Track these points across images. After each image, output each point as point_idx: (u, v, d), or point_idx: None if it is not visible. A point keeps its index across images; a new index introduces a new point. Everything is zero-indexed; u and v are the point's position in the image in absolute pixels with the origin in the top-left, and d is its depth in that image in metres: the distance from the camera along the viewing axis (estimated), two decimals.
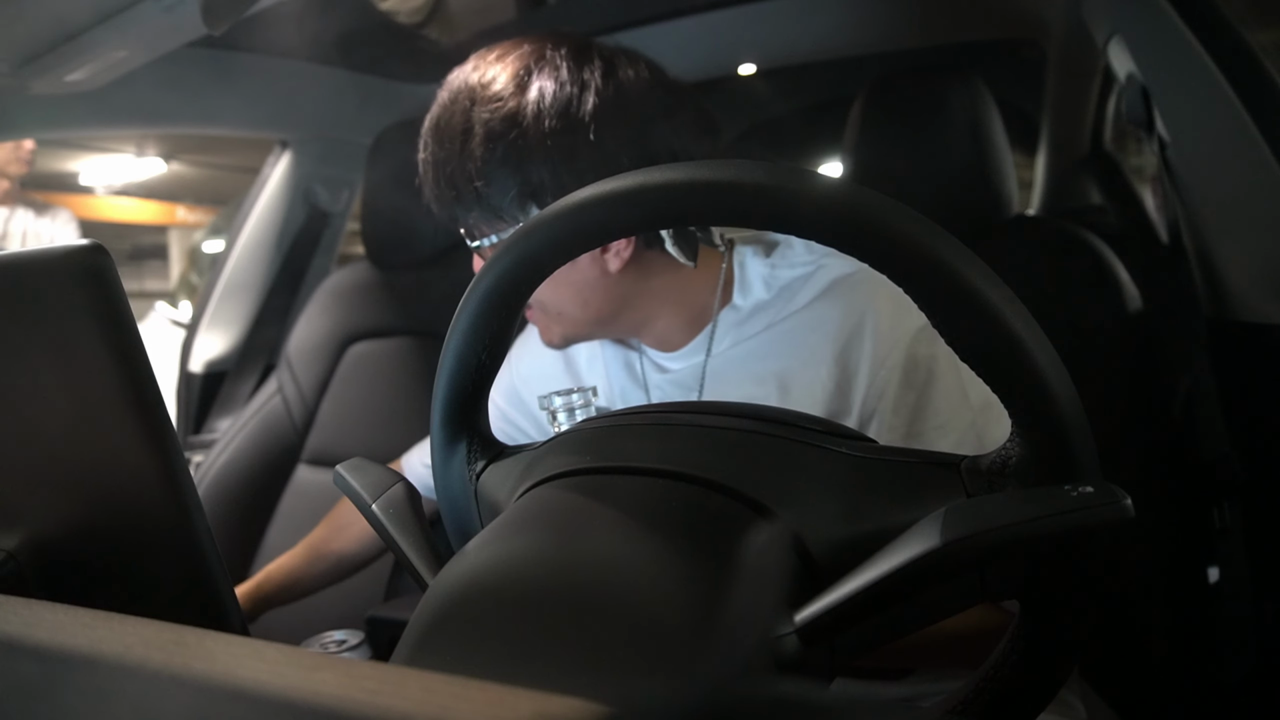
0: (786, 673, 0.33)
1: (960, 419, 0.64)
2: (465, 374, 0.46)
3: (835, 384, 0.67)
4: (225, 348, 1.71)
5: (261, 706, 0.19)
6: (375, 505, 0.45)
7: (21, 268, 0.37)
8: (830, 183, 0.36)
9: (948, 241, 0.35)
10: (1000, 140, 1.03)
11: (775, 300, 0.72)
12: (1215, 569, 0.92)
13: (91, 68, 1.03)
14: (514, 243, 0.42)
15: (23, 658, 0.24)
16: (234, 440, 1.44)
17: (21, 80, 1.04)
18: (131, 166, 5.82)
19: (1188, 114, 0.88)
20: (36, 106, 1.20)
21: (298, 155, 1.68)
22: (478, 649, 0.31)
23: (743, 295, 0.73)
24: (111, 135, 4.14)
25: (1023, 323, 0.35)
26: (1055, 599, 0.37)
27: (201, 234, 6.45)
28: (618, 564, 0.33)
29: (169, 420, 0.39)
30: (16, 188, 2.42)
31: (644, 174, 0.38)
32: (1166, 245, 1.02)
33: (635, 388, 0.80)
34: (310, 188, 1.71)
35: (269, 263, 1.72)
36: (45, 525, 0.40)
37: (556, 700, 0.19)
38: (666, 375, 0.77)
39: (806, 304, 0.70)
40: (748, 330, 0.72)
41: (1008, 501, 0.33)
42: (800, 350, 0.69)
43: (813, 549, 0.37)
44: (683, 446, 0.41)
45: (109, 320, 0.37)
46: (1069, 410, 0.35)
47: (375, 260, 1.50)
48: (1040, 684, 0.38)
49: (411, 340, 1.42)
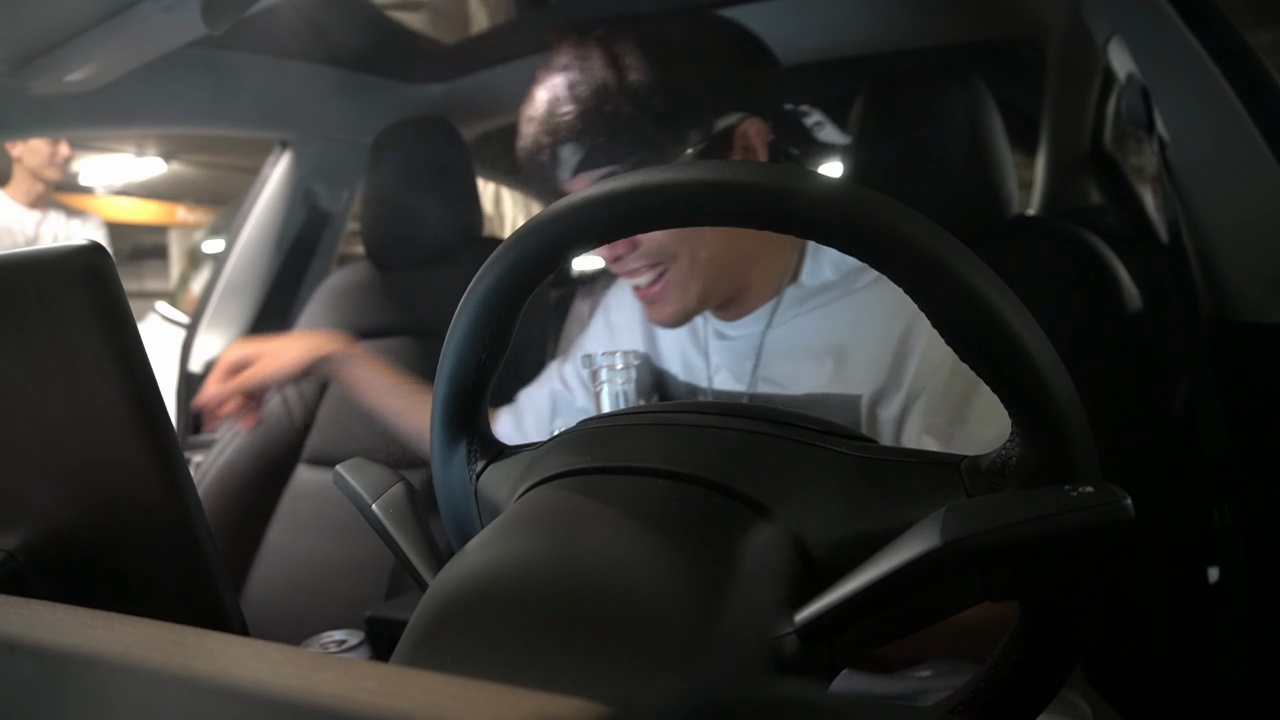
0: (786, 673, 0.33)
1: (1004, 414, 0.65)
2: (465, 374, 0.46)
3: (890, 361, 0.68)
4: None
5: (261, 706, 0.19)
6: (375, 505, 0.45)
7: (21, 268, 0.37)
8: (830, 182, 0.36)
9: (948, 241, 0.35)
10: (1000, 140, 1.02)
11: (840, 281, 0.75)
12: (1215, 569, 0.92)
13: (91, 68, 1.03)
14: (514, 243, 0.42)
15: (23, 658, 0.24)
16: (234, 440, 1.44)
17: (21, 80, 1.04)
18: (131, 166, 5.81)
19: (1188, 114, 0.88)
20: (36, 106, 1.20)
21: (298, 155, 1.68)
22: (478, 649, 0.31)
23: (811, 275, 0.76)
24: (111, 135, 4.14)
25: (1023, 323, 0.34)
26: (1055, 599, 0.37)
27: (201, 234, 6.45)
28: (617, 564, 0.33)
29: (169, 420, 0.39)
30: (49, 191, 2.43)
31: (644, 174, 0.38)
32: (1166, 245, 1.02)
33: (696, 353, 0.82)
34: (310, 188, 1.71)
35: (269, 263, 1.72)
36: (45, 525, 0.40)
37: (556, 700, 0.19)
38: (725, 342, 0.80)
39: (870, 282, 0.72)
40: (808, 306, 0.75)
41: (1008, 501, 0.33)
42: (861, 326, 0.71)
43: (813, 549, 0.37)
44: (683, 446, 0.41)
45: (109, 320, 0.37)
46: (1069, 410, 0.35)
47: (375, 260, 1.50)
48: (1040, 684, 0.38)
49: (411, 340, 1.42)
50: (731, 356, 0.79)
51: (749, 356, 0.77)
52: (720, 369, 0.80)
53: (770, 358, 0.76)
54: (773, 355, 0.76)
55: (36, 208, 2.41)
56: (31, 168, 2.35)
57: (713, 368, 0.81)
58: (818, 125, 0.96)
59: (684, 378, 0.83)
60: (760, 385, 0.77)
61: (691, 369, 0.83)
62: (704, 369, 0.81)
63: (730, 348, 0.79)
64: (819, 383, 0.72)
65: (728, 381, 0.79)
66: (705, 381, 0.81)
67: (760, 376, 0.77)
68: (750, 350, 0.77)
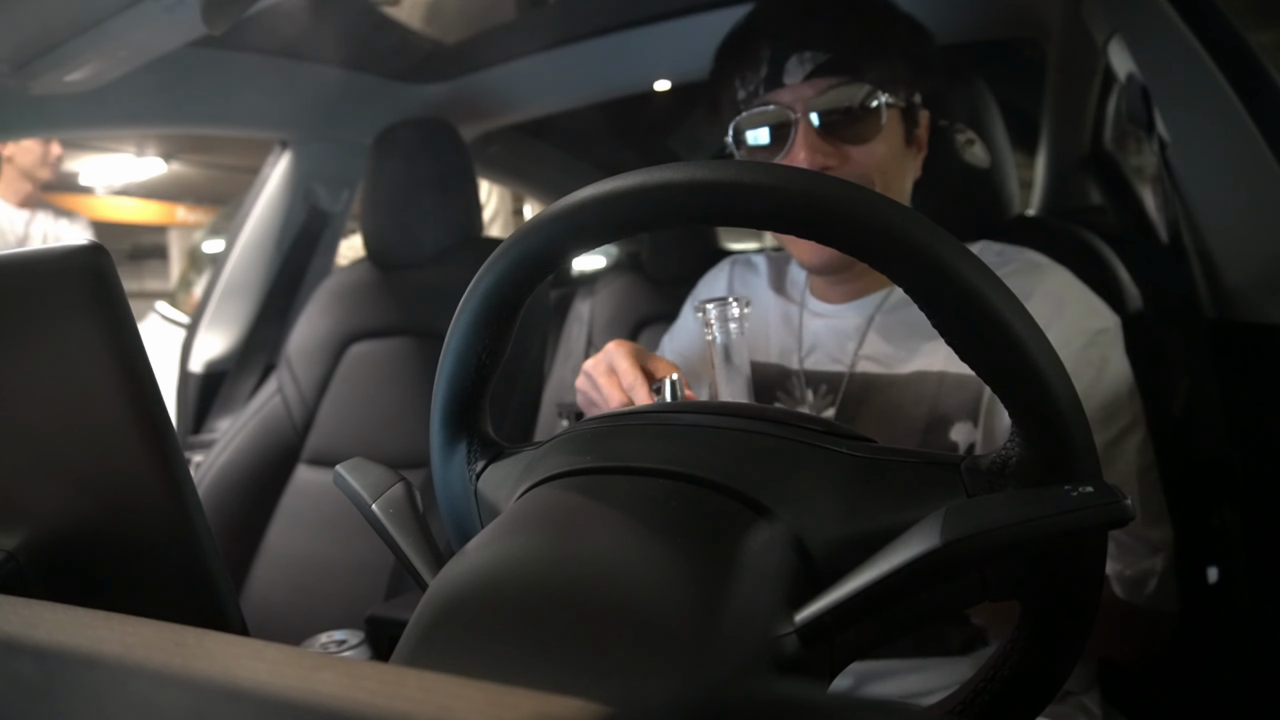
0: (786, 673, 0.33)
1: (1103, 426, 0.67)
2: (465, 374, 0.46)
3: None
4: (225, 348, 1.71)
5: (261, 706, 0.19)
6: (375, 505, 0.45)
7: (21, 268, 0.37)
8: (831, 183, 0.36)
9: (948, 242, 0.35)
10: (1000, 140, 1.03)
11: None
12: (1215, 569, 0.92)
13: (91, 68, 1.03)
14: (514, 243, 0.42)
15: (23, 658, 0.24)
16: (234, 440, 1.44)
17: (21, 80, 1.04)
18: (131, 166, 5.81)
19: (1188, 114, 0.88)
20: (36, 106, 1.20)
21: (298, 155, 1.68)
22: (478, 649, 0.31)
23: None
24: (111, 135, 4.14)
25: (1022, 323, 0.35)
26: (1056, 599, 0.37)
27: (201, 234, 6.45)
28: (617, 564, 0.33)
29: (169, 420, 0.39)
30: (38, 191, 2.43)
31: (644, 174, 0.38)
32: (1166, 245, 1.02)
33: (789, 335, 0.83)
34: (310, 188, 1.71)
35: (269, 263, 1.72)
36: (45, 525, 0.40)
37: (556, 700, 0.19)
38: (825, 321, 0.81)
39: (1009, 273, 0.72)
40: None
41: (1008, 501, 0.33)
42: None
43: (813, 549, 0.37)
44: (683, 446, 0.41)
45: (109, 320, 0.37)
46: (1069, 410, 0.35)
47: (375, 260, 1.50)
48: (1040, 684, 0.38)
49: (411, 340, 1.42)
50: (832, 336, 0.80)
51: (852, 337, 0.78)
52: (814, 350, 0.81)
53: (878, 337, 0.76)
54: (881, 334, 0.76)
55: (25, 207, 2.41)
56: (23, 167, 2.35)
57: (805, 349, 0.81)
58: (969, 143, 0.98)
59: (775, 361, 0.84)
60: (862, 364, 0.77)
61: (781, 351, 0.84)
62: (796, 351, 0.82)
63: (830, 327, 0.80)
64: (932, 362, 0.72)
65: (822, 362, 0.80)
66: (795, 364, 0.81)
67: (863, 355, 0.77)
68: (854, 331, 0.78)
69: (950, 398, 0.70)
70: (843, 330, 0.79)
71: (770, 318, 0.86)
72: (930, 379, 0.72)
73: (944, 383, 0.71)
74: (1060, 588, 0.36)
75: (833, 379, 0.77)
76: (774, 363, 0.84)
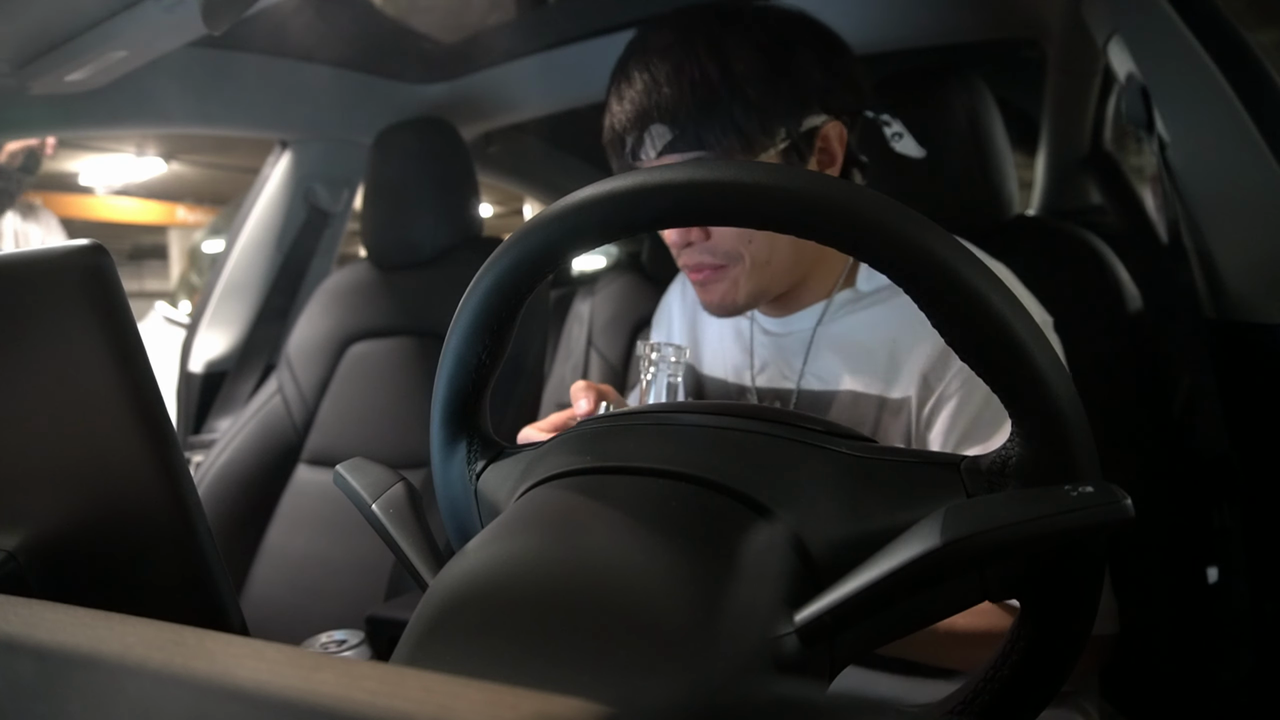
0: (786, 673, 0.33)
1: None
2: (465, 374, 0.46)
3: (935, 360, 0.70)
4: (225, 348, 1.71)
5: (261, 706, 0.19)
6: (375, 505, 0.45)
7: (21, 268, 0.37)
8: (829, 183, 0.36)
9: (947, 241, 0.35)
10: (1000, 140, 1.03)
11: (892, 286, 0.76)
12: (1215, 569, 0.92)
13: (91, 68, 1.03)
14: (514, 243, 0.42)
15: (23, 658, 0.24)
16: (234, 440, 1.44)
17: (21, 80, 1.04)
18: (131, 166, 5.81)
19: (1188, 114, 0.88)
20: (36, 106, 1.20)
21: (298, 155, 1.68)
22: (478, 649, 0.31)
23: (867, 281, 0.77)
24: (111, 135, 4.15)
25: (1022, 323, 0.35)
26: (1055, 599, 0.37)
27: (201, 234, 6.45)
28: (617, 564, 0.33)
29: (169, 420, 0.39)
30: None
31: (644, 174, 0.38)
32: (1166, 245, 1.02)
33: (740, 351, 0.84)
34: (310, 188, 1.71)
35: (269, 263, 1.72)
36: (45, 525, 0.40)
37: (557, 700, 0.19)
38: (772, 338, 0.81)
39: None
40: (863, 304, 0.76)
41: (1008, 501, 0.33)
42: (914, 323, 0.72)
43: (813, 549, 0.37)
44: (683, 446, 0.41)
45: (109, 320, 0.37)
46: (1069, 410, 0.35)
47: (375, 260, 1.50)
48: (1040, 684, 0.38)
49: (411, 340, 1.42)
50: (779, 353, 0.80)
51: (798, 353, 0.78)
52: (766, 367, 0.81)
53: (821, 350, 0.77)
54: (824, 348, 0.77)
55: None
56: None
57: (757, 366, 0.82)
58: (896, 136, 0.97)
59: (730, 379, 0.84)
60: (807, 380, 0.77)
61: (735, 368, 0.84)
62: (749, 368, 0.82)
63: (778, 344, 0.80)
64: (870, 385, 0.73)
65: (775, 379, 0.80)
66: (749, 381, 0.82)
67: (809, 372, 0.77)
68: (800, 346, 0.78)
69: (890, 425, 0.71)
70: (788, 346, 0.79)
71: (725, 332, 0.86)
72: (870, 402, 0.72)
73: (884, 408, 0.71)
74: (1060, 588, 0.36)
75: (785, 396, 0.78)
76: (731, 381, 0.84)
